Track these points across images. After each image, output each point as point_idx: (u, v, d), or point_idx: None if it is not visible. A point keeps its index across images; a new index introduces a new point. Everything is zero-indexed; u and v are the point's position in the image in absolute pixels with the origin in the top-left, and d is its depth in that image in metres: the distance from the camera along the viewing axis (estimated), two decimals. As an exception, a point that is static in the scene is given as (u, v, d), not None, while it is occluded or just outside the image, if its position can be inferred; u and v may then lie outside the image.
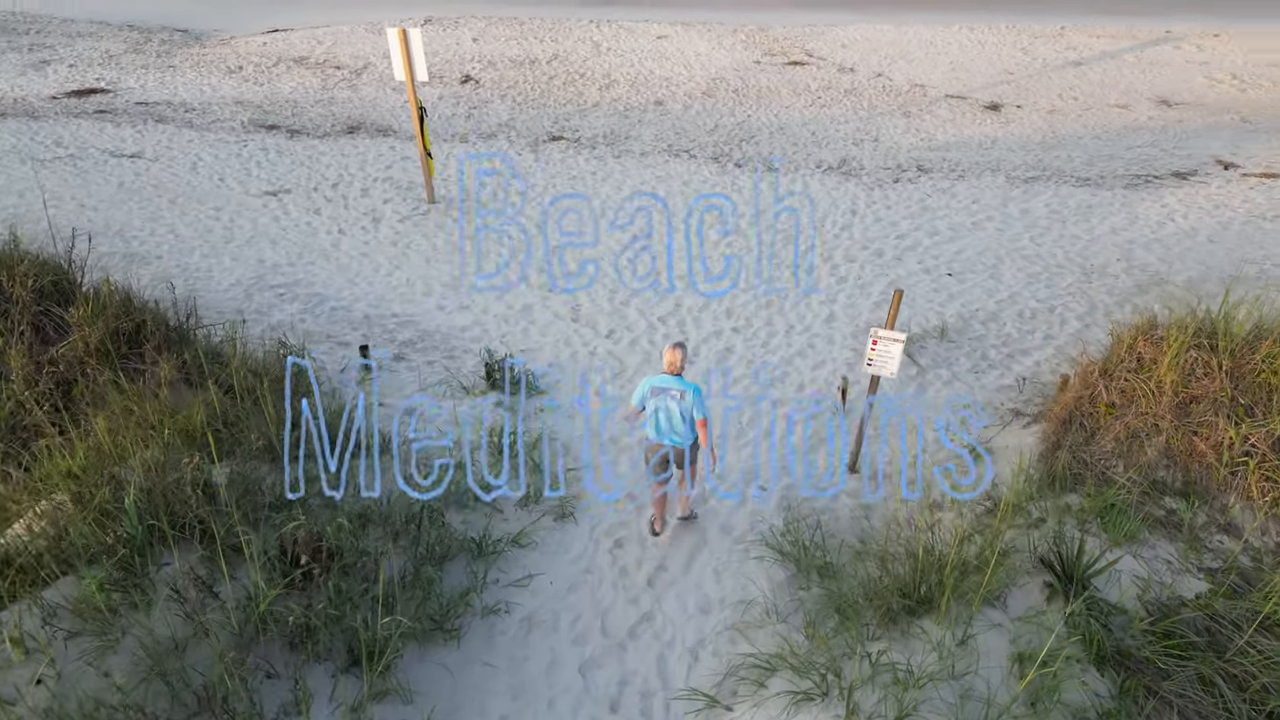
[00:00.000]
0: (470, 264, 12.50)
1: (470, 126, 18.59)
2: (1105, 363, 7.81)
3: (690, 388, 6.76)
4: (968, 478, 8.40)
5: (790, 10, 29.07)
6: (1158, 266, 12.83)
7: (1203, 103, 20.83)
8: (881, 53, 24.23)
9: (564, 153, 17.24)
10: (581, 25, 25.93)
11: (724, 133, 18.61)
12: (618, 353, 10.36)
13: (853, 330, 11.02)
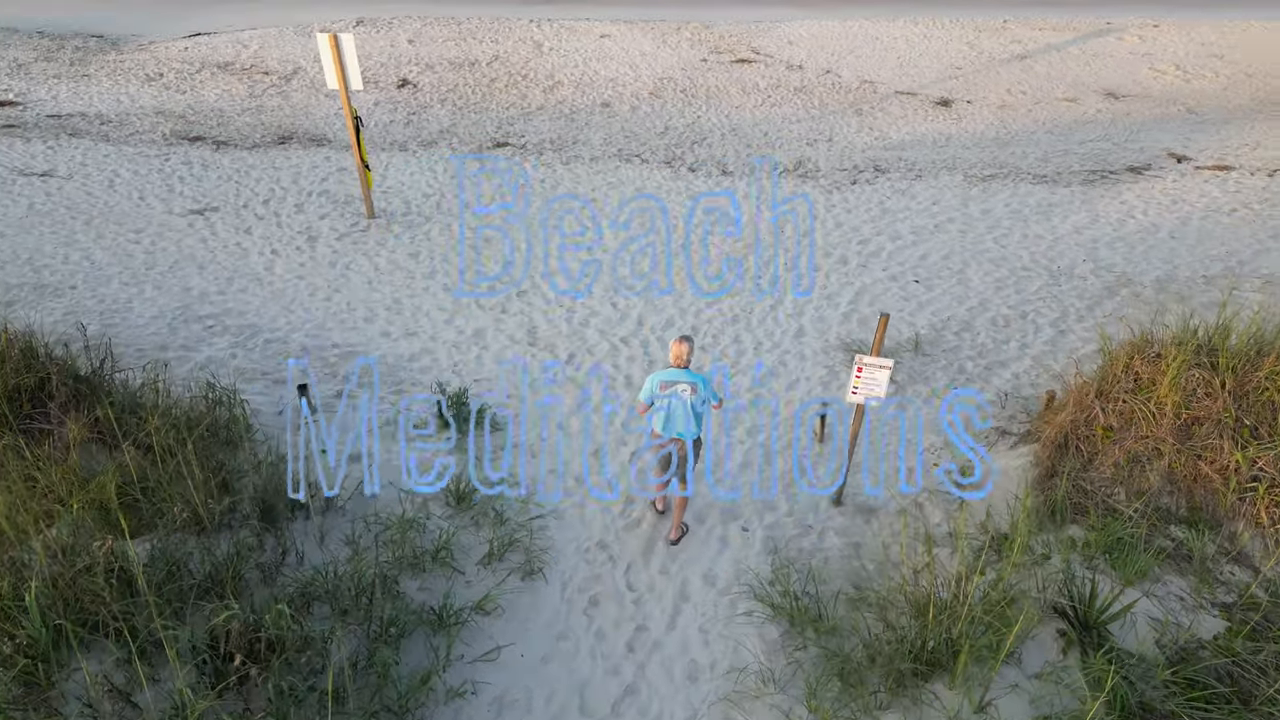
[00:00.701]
0: (426, 276, 11.73)
1: (410, 134, 17.72)
2: (1100, 383, 7.39)
3: (699, 379, 6.80)
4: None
5: (733, 7, 28.60)
6: (1124, 266, 12.59)
7: (1149, 94, 20.87)
8: (828, 49, 23.89)
9: (509, 160, 16.48)
10: (521, 24, 25.13)
11: (675, 135, 18.03)
12: (580, 380, 9.70)
13: (823, 345, 10.52)
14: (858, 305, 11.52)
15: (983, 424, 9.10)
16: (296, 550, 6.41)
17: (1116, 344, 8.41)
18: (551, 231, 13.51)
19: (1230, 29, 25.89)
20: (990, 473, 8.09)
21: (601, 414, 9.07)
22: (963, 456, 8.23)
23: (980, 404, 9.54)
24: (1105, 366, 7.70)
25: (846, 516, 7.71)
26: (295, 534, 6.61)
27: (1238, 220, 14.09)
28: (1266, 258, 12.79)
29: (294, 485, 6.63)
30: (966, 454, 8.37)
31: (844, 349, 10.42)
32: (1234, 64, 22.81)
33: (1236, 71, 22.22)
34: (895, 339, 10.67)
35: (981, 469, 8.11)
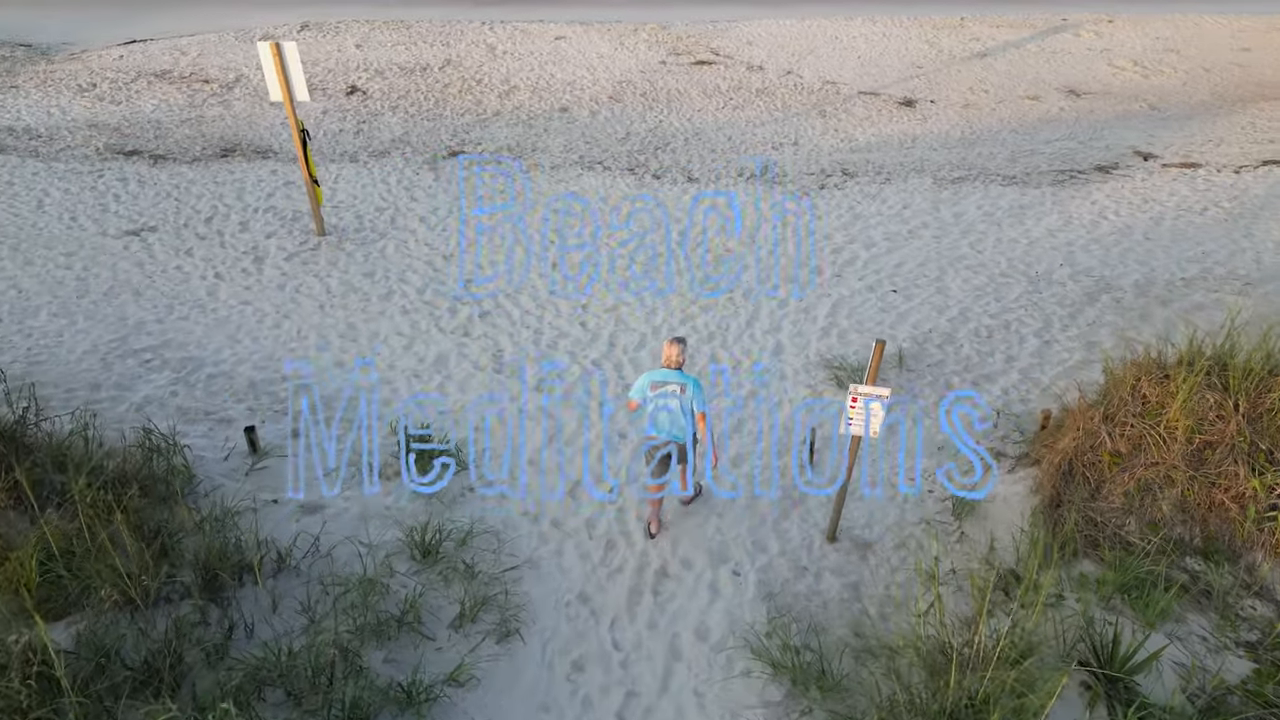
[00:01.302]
0: (367, 303, 11.06)
1: (360, 144, 16.96)
2: (1106, 406, 7.01)
3: (690, 381, 6.75)
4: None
5: (689, 6, 28.13)
6: (1101, 270, 12.33)
7: (1110, 91, 20.80)
8: (788, 49, 23.52)
9: (466, 170, 15.81)
10: (473, 27, 24.41)
11: (637, 141, 17.49)
12: (550, 408, 9.13)
13: (803, 364, 10.07)
14: (835, 318, 11.10)
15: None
16: (245, 624, 5.76)
17: (1118, 362, 8.04)
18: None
19: (1183, 23, 26.03)
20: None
21: (577, 445, 8.51)
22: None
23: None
24: (1109, 388, 7.32)
25: (842, 553, 7.25)
26: (243, 603, 5.97)
27: (1210, 220, 13.93)
28: (1241, 258, 12.62)
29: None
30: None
31: (825, 366, 9.98)
32: (1190, 59, 22.88)
33: (1194, 66, 22.27)
34: (877, 354, 10.24)
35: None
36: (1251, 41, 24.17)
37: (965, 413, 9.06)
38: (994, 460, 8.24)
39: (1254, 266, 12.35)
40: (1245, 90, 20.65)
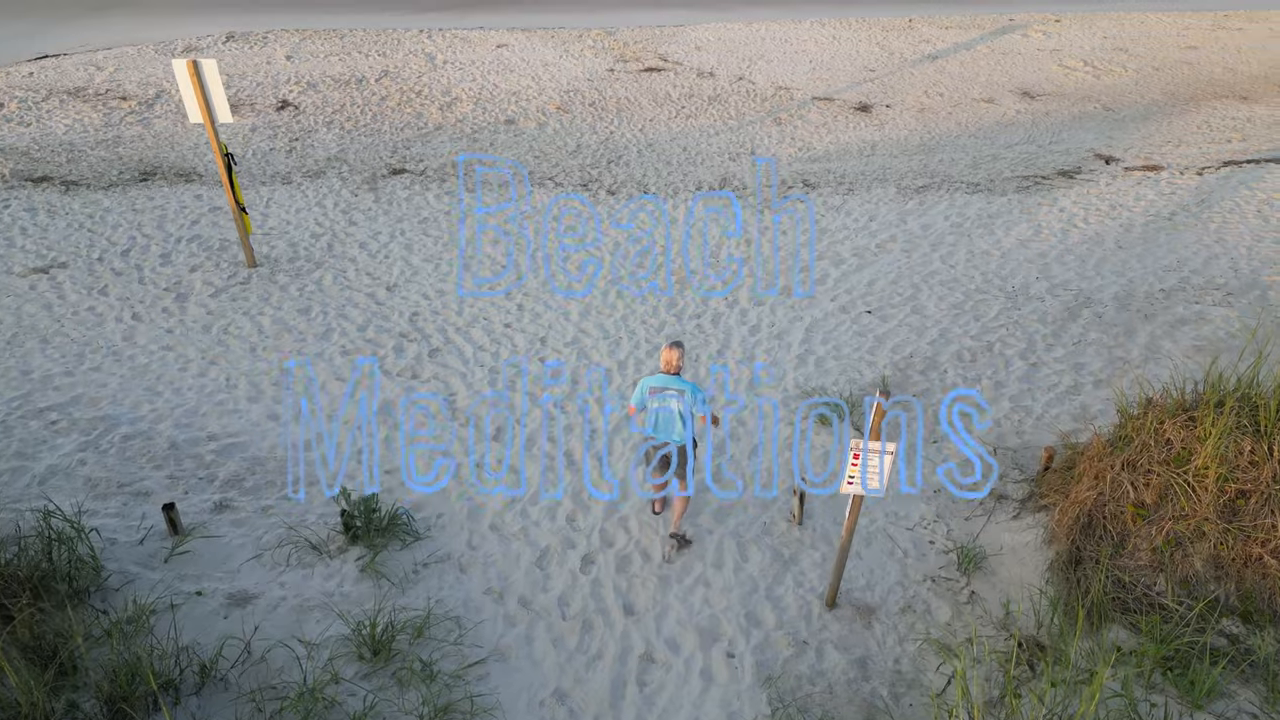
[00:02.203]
0: (302, 338, 10.09)
1: (293, 163, 15.88)
2: (1127, 451, 6.40)
3: (689, 386, 6.77)
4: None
5: (632, 10, 27.42)
6: (1079, 283, 11.89)
7: (1063, 92, 20.57)
8: (738, 54, 22.92)
9: (409, 189, 14.87)
10: (411, 35, 23.36)
11: (588, 154, 16.69)
12: (511, 461, 8.29)
13: (782, 398, 9.37)
14: (811, 344, 10.44)
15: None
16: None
17: (1129, 397, 7.47)
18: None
19: (1129, 21, 26.08)
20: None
21: (543, 506, 7.69)
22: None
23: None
24: (1125, 429, 6.73)
25: (843, 622, 6.54)
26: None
27: (1179, 224, 13.62)
28: (1216, 265, 12.29)
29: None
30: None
31: (809, 403, 9.29)
32: (1139, 57, 22.82)
33: (1144, 65, 22.20)
34: (859, 384, 9.62)
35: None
36: (1197, 39, 24.24)
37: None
38: (997, 504, 7.63)
39: (1231, 274, 12.01)
40: (1197, 89, 20.58)
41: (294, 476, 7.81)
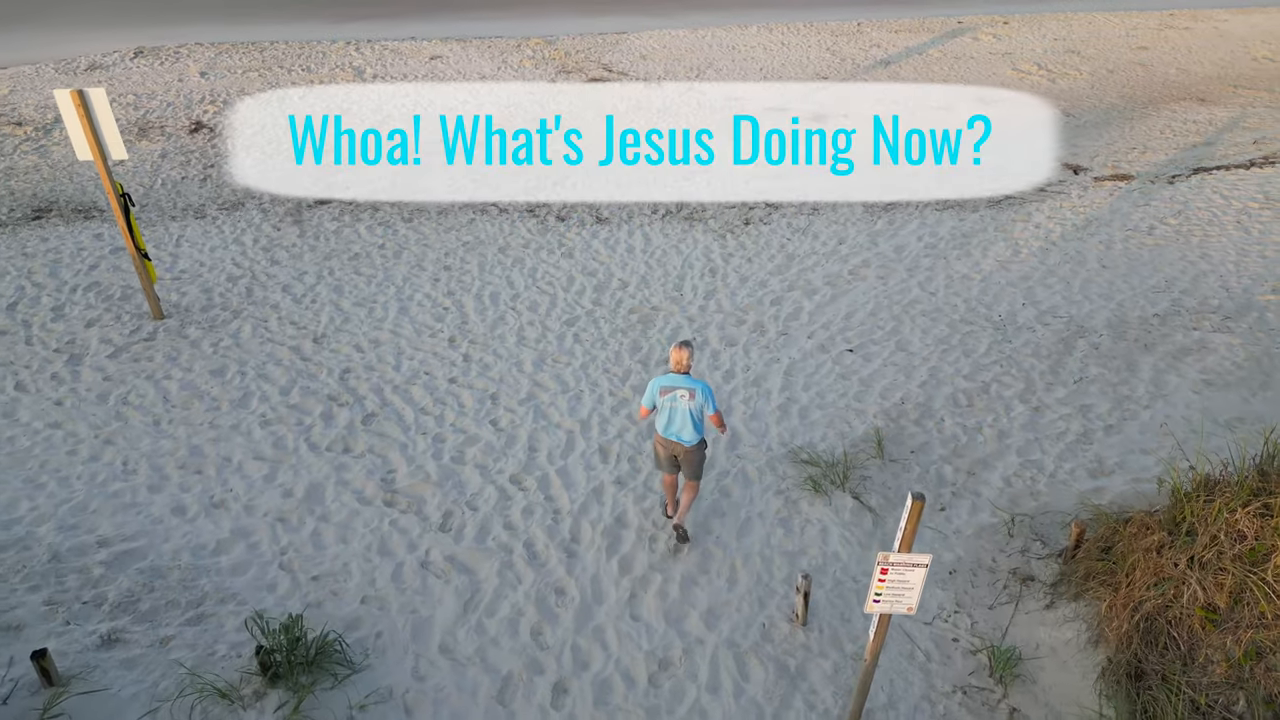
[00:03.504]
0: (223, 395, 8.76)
1: (208, 194, 14.41)
2: (1193, 547, 5.48)
3: (699, 385, 6.72)
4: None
5: (574, 18, 26.28)
6: (1067, 309, 11.11)
7: (1020, 98, 19.97)
8: (685, 62, 21.94)
9: (337, 220, 13.53)
10: (337, 48, 21.89)
11: (533, 175, 15.51)
12: (461, 556, 7.11)
13: (767, 458, 8.34)
14: (792, 390, 9.45)
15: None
16: None
17: (1183, 477, 6.57)
18: (399, 318, 10.79)
19: (1076, 22, 25.76)
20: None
21: (501, 616, 6.53)
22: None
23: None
24: (1181, 513, 5.81)
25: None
26: None
27: (1160, 239, 12.97)
28: (1207, 284, 11.63)
29: None
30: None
31: (792, 460, 8.28)
32: (1091, 59, 22.41)
33: (1097, 68, 21.78)
34: (849, 437, 8.64)
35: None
36: (1146, 40, 23.97)
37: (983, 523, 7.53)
38: (1024, 587, 6.69)
39: (1223, 294, 11.35)
40: (1153, 91, 20.19)
41: (200, 593, 6.52)
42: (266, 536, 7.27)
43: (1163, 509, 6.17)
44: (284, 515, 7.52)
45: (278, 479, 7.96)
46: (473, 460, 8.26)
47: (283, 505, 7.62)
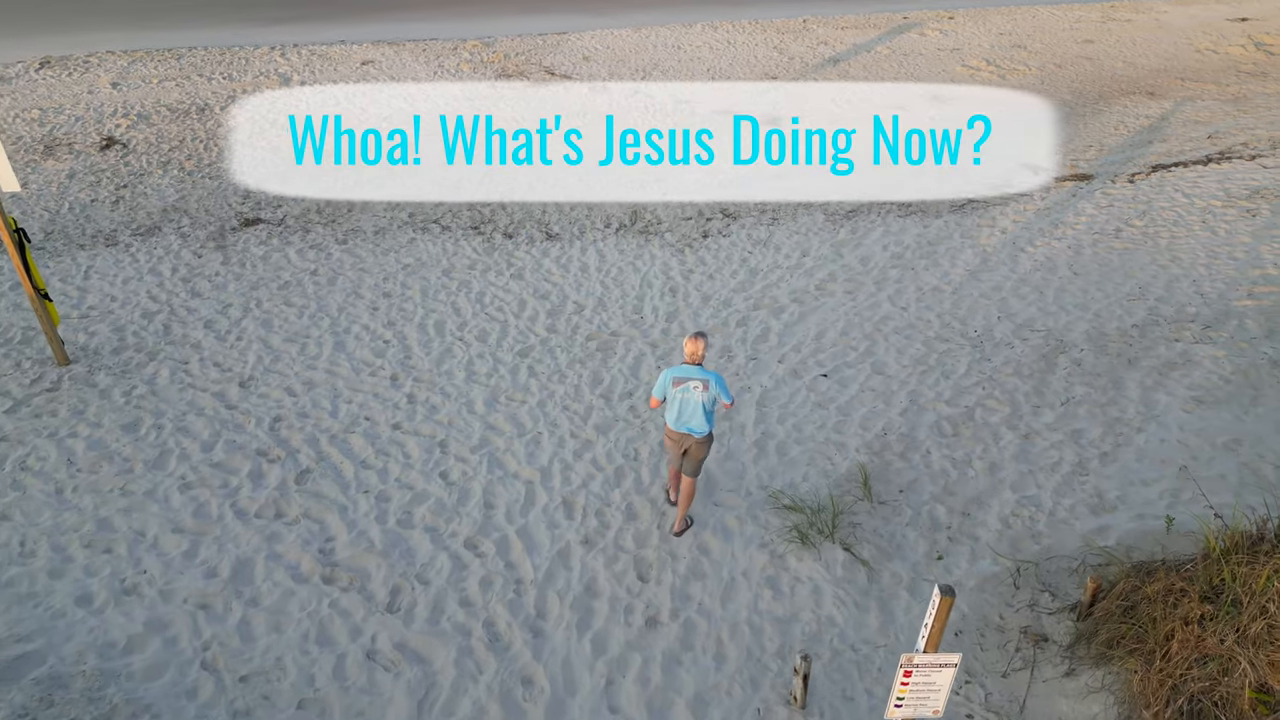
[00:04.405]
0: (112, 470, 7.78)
1: (120, 218, 13.24)
2: (1239, 618, 4.92)
3: (712, 376, 6.73)
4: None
5: (513, 18, 25.34)
6: (1043, 320, 10.65)
7: (972, 96, 19.63)
8: (630, 63, 21.18)
9: (265, 244, 12.51)
10: (261, 54, 20.66)
11: (475, 187, 14.61)
12: (413, 643, 6.28)
13: (747, 505, 7.66)
14: (766, 423, 8.78)
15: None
16: None
17: (1210, 528, 6.01)
18: (335, 354, 9.87)
19: (1020, 15, 25.62)
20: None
21: (461, 717, 5.72)
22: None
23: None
24: (1217, 573, 5.25)
25: None
26: None
27: (1127, 242, 12.60)
28: (1180, 289, 11.27)
29: None
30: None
31: (773, 506, 7.61)
32: (1039, 54, 22.21)
33: (1045, 63, 21.57)
34: (832, 476, 8.01)
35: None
36: (1091, 33, 23.88)
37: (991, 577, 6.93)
38: (1036, 649, 6.10)
39: (1199, 300, 10.99)
40: (1102, 86, 20.01)
41: (108, 706, 5.60)
42: (186, 629, 6.36)
43: (1194, 568, 5.62)
44: (207, 600, 6.60)
45: (199, 555, 7.03)
46: (422, 522, 7.42)
47: (205, 588, 6.71)
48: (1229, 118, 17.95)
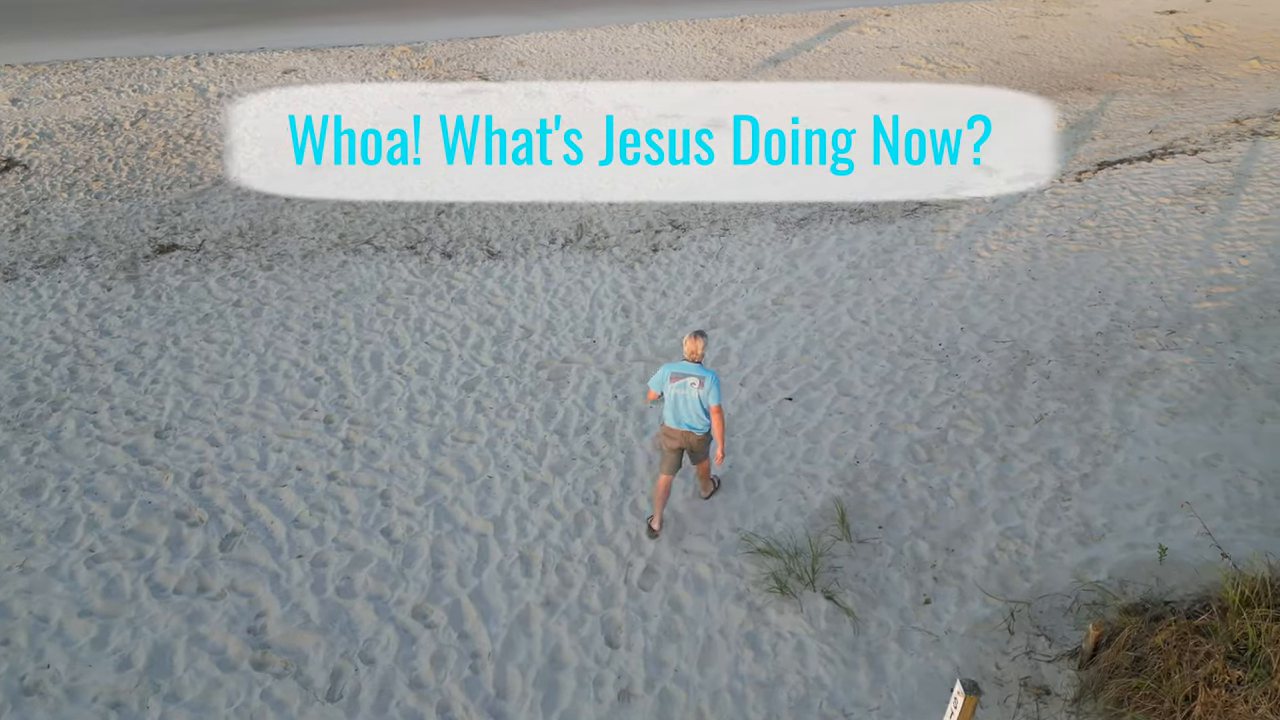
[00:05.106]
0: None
1: (21, 248, 12.17)
2: (1271, 679, 4.54)
3: (709, 375, 6.80)
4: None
5: (442, 20, 24.44)
6: (1006, 330, 10.35)
7: (917, 95, 19.43)
8: (566, 67, 20.52)
9: (182, 273, 11.59)
10: (175, 64, 19.50)
11: (411, 204, 13.84)
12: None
13: (720, 550, 7.13)
14: (733, 453, 8.29)
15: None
16: None
17: (1226, 576, 5.62)
18: (262, 395, 9.08)
19: (955, 12, 25.61)
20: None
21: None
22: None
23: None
24: (1238, 628, 4.87)
25: None
26: None
27: (1082, 244, 12.41)
28: (1139, 292, 11.08)
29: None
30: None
31: (748, 551, 7.10)
32: (976, 51, 22.15)
33: (984, 59, 21.51)
34: (806, 513, 7.53)
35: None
36: (1025, 28, 23.94)
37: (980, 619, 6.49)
38: (1039, 703, 5.68)
39: (1159, 304, 10.81)
40: (1041, 83, 19.97)
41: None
42: (96, 735, 5.58)
43: (1210, 619, 5.24)
44: (120, 698, 5.83)
45: (110, 642, 6.24)
46: (364, 589, 6.72)
47: (118, 683, 5.93)
48: (1167, 111, 18.03)
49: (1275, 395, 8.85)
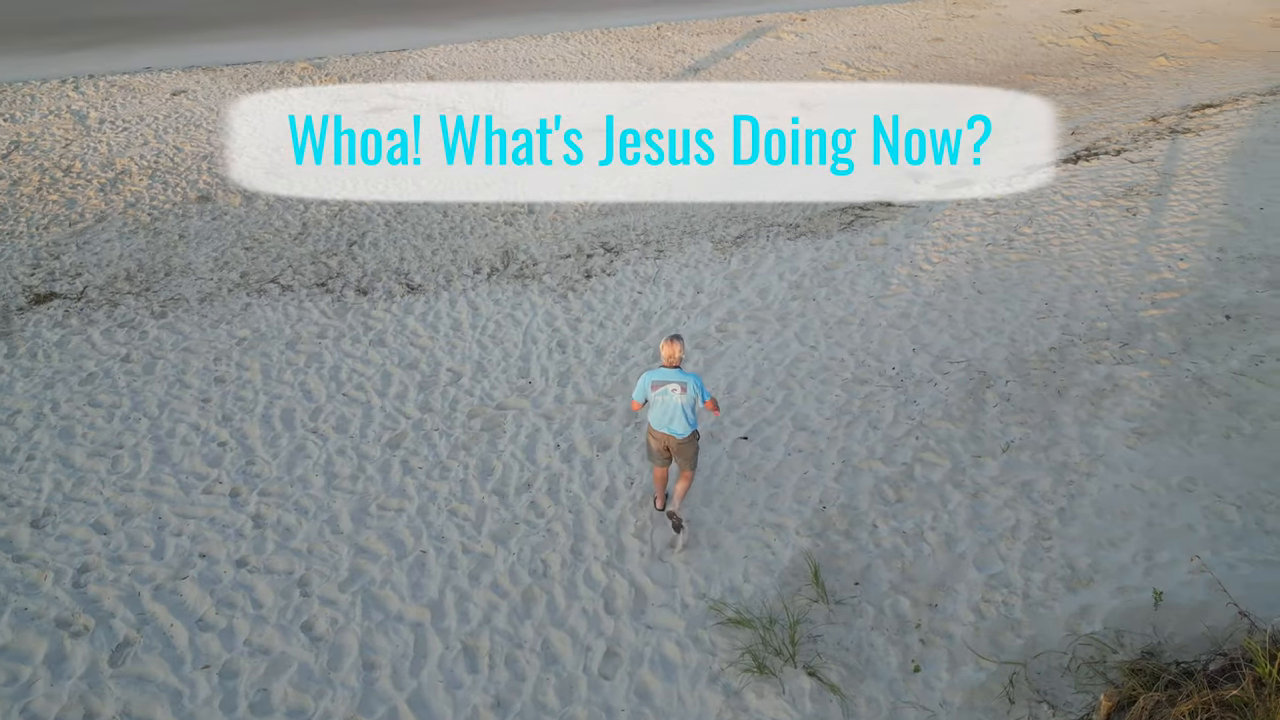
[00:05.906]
0: None
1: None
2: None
3: (690, 378, 6.84)
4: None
5: (343, 34, 23.27)
6: (959, 349, 9.96)
7: (837, 100, 19.17)
8: (479, 80, 19.63)
9: (62, 326, 10.39)
10: (50, 88, 17.94)
11: (320, 234, 12.83)
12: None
13: (687, 623, 6.45)
14: (690, 506, 7.60)
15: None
16: None
17: (1254, 647, 5.14)
18: (157, 467, 8.04)
19: (870, 15, 25.62)
20: None
21: None
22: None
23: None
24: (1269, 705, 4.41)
25: None
26: None
27: (1023, 253, 12.17)
28: (1084, 302, 10.84)
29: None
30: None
31: (717, 621, 6.43)
32: (894, 54, 22.09)
33: (902, 63, 21.44)
34: (776, 570, 6.93)
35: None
36: (939, 30, 24.03)
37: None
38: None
39: (1106, 313, 10.57)
40: (958, 85, 19.95)
41: None
42: None
43: (1242, 694, 4.77)
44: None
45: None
46: (283, 703, 5.82)
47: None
48: (1085, 111, 18.15)
49: (1236, 408, 8.60)
